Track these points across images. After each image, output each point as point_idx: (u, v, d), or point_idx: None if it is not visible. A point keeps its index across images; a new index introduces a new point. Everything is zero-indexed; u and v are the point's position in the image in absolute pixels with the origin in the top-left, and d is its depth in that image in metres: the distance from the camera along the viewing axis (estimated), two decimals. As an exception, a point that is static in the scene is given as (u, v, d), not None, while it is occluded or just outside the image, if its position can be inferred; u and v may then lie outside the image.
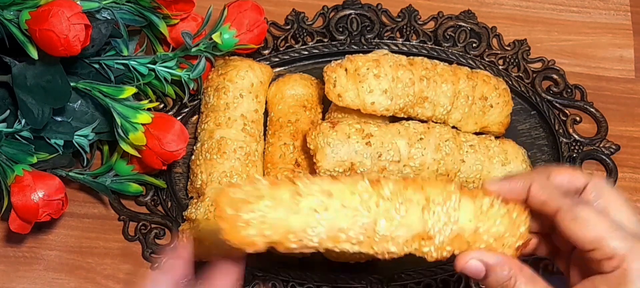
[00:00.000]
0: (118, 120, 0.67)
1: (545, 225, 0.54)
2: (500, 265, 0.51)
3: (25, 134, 0.68)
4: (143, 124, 0.67)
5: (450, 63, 0.78)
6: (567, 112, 0.79)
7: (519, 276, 0.51)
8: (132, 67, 0.72)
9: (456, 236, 0.51)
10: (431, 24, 0.84)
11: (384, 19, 0.83)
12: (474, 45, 0.82)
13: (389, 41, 0.82)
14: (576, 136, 0.78)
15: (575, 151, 0.77)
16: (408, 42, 0.82)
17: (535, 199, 0.52)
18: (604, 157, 0.77)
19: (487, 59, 0.82)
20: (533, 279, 0.51)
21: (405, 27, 0.83)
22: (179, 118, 0.76)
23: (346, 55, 0.73)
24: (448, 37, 0.82)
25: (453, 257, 0.53)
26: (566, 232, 0.50)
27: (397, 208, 0.50)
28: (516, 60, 0.82)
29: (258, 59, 0.79)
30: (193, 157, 0.74)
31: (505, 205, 0.52)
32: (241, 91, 0.75)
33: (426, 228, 0.50)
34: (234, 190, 0.49)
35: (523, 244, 0.53)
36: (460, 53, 0.82)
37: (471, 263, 0.52)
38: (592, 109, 0.80)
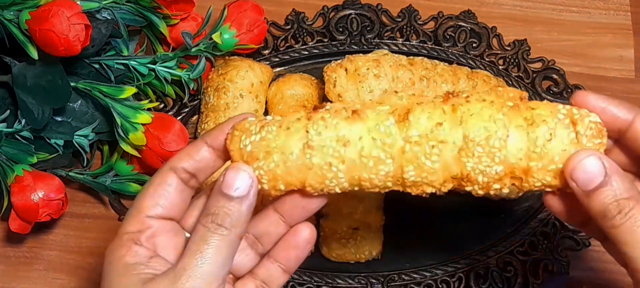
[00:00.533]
0: (118, 120, 0.67)
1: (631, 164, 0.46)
2: (622, 174, 0.42)
3: (25, 133, 0.68)
4: (143, 124, 0.68)
5: (450, 63, 0.78)
6: (567, 112, 0.79)
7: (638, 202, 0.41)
8: (132, 67, 0.72)
9: (504, 175, 0.45)
10: (431, 24, 0.84)
11: (384, 19, 0.83)
12: (474, 45, 0.82)
13: (389, 41, 0.82)
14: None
15: (575, 151, 0.77)
16: (408, 42, 0.82)
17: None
18: (604, 157, 0.77)
19: (487, 59, 0.82)
20: None
21: (405, 27, 0.83)
22: (179, 118, 0.76)
23: (346, 55, 0.73)
24: (448, 37, 0.82)
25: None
26: None
27: (427, 153, 0.44)
28: (516, 60, 0.82)
29: (258, 59, 0.79)
30: (193, 157, 0.74)
31: (573, 127, 0.44)
32: (241, 91, 0.75)
33: (465, 172, 0.45)
34: (244, 137, 0.46)
35: None
36: (460, 53, 0.82)
37: (588, 162, 0.42)
38: (592, 109, 0.80)
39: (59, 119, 0.71)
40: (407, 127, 0.45)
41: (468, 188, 0.45)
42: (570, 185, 0.43)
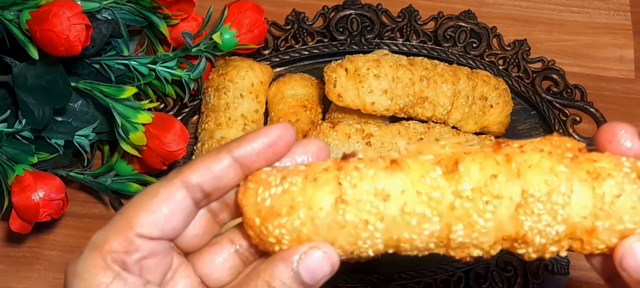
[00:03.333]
0: (118, 120, 0.67)
1: None
2: None
3: (25, 134, 0.68)
4: (143, 124, 0.67)
5: (451, 63, 0.78)
6: (567, 112, 0.80)
7: None
8: (133, 67, 0.72)
9: (564, 236, 0.39)
10: (431, 24, 0.84)
11: (384, 19, 0.83)
12: (474, 45, 0.82)
13: (389, 41, 0.82)
14: (576, 136, 0.78)
15: (575, 151, 0.77)
16: (408, 42, 0.82)
17: None
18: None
19: (487, 59, 0.82)
20: None
21: (405, 27, 0.83)
22: (179, 118, 0.76)
23: (346, 56, 0.73)
24: (448, 37, 0.82)
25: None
26: None
27: (480, 210, 0.38)
28: (516, 60, 0.82)
29: (258, 59, 0.80)
30: (193, 157, 0.74)
31: None
32: (241, 91, 0.75)
33: (521, 232, 0.39)
34: (262, 189, 0.39)
35: None
36: (461, 53, 0.82)
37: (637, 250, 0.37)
38: (592, 109, 0.80)
39: (60, 119, 0.70)
40: (458, 179, 0.38)
41: (521, 252, 0.40)
42: (621, 273, 0.38)
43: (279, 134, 0.40)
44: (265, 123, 0.77)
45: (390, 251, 0.40)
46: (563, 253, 0.40)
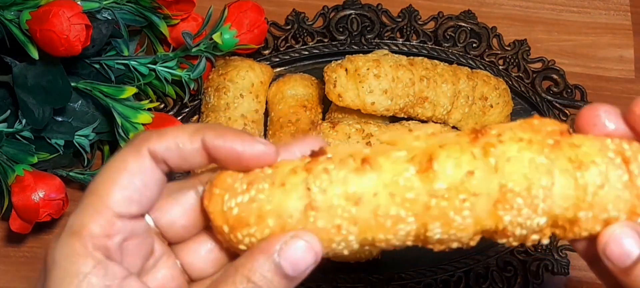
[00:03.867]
0: (118, 120, 0.67)
1: None
2: None
3: (26, 134, 0.68)
4: (143, 124, 0.67)
5: (451, 63, 0.78)
6: (567, 112, 0.80)
7: None
8: (133, 67, 0.72)
9: (546, 226, 0.38)
10: (431, 24, 0.84)
11: (384, 19, 0.83)
12: (474, 45, 0.82)
13: (389, 41, 0.82)
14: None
15: (575, 151, 0.77)
16: (408, 42, 0.82)
17: None
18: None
19: (487, 59, 0.82)
20: None
21: (405, 27, 0.83)
22: (179, 118, 0.76)
23: (346, 56, 0.73)
24: (448, 37, 0.82)
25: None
26: None
27: (456, 207, 0.36)
28: (516, 60, 0.82)
29: (258, 59, 0.80)
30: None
31: (625, 166, 0.37)
32: (242, 91, 0.75)
33: (501, 226, 0.37)
34: (228, 196, 0.37)
35: None
36: (461, 53, 0.82)
37: (623, 235, 0.36)
38: (592, 109, 0.80)
39: (60, 119, 0.70)
40: (432, 178, 0.36)
41: (501, 241, 0.38)
42: (604, 261, 0.37)
43: (257, 153, 0.37)
44: (265, 123, 0.77)
45: (367, 247, 0.39)
46: (545, 241, 0.39)
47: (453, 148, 0.37)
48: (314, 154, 0.38)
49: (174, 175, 0.40)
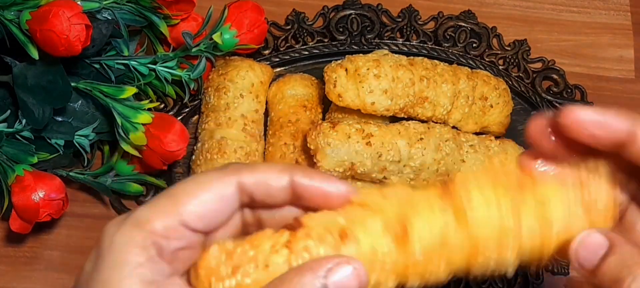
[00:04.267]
0: (118, 120, 0.67)
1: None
2: (624, 244, 0.39)
3: (25, 134, 0.68)
4: (143, 124, 0.68)
5: (451, 63, 0.78)
6: (567, 112, 0.79)
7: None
8: (133, 67, 0.72)
9: (516, 259, 0.41)
10: (431, 24, 0.84)
11: (384, 19, 0.83)
12: (474, 45, 0.82)
13: (389, 41, 0.82)
14: (576, 136, 0.78)
15: (575, 151, 0.77)
16: (408, 42, 0.82)
17: None
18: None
19: (487, 59, 0.82)
20: None
21: (405, 27, 0.83)
22: (179, 118, 0.76)
23: (346, 56, 0.73)
24: (448, 37, 0.82)
25: None
26: None
27: (434, 264, 0.39)
28: (516, 60, 0.82)
29: (258, 59, 0.80)
30: (193, 157, 0.74)
31: (587, 215, 0.40)
32: (242, 91, 0.75)
33: (475, 267, 0.41)
34: (214, 280, 0.38)
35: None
36: (461, 53, 0.82)
37: (592, 238, 0.39)
38: (592, 109, 0.80)
39: (60, 119, 0.71)
40: (409, 247, 0.38)
41: (475, 274, 0.42)
42: (577, 270, 0.40)
43: (343, 193, 0.39)
44: (266, 123, 0.77)
45: None
46: (511, 270, 0.42)
47: (425, 211, 0.39)
48: (291, 227, 0.38)
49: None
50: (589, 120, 0.39)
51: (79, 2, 0.64)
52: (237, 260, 0.38)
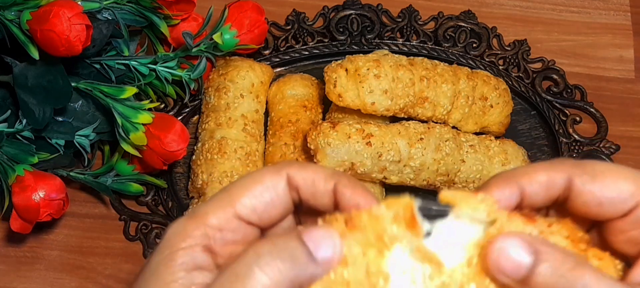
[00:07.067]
0: (119, 120, 0.67)
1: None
2: (554, 252, 0.35)
3: (26, 134, 0.68)
4: (144, 124, 0.68)
5: (451, 63, 0.78)
6: (567, 112, 0.80)
7: (585, 273, 0.35)
8: (133, 67, 0.72)
9: None
10: (431, 24, 0.84)
11: (384, 19, 0.83)
12: (474, 45, 0.82)
13: (389, 41, 0.82)
14: (576, 136, 0.78)
15: (575, 151, 0.78)
16: (408, 43, 0.82)
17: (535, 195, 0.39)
18: (603, 157, 0.77)
19: (487, 59, 0.82)
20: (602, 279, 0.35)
21: (405, 27, 0.83)
22: (179, 118, 0.76)
23: (346, 56, 0.73)
24: (448, 37, 0.82)
25: None
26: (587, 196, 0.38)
27: None
28: (516, 61, 0.82)
29: (259, 59, 0.80)
30: (194, 157, 0.74)
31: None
32: (242, 91, 0.75)
33: None
34: None
35: None
36: (461, 53, 0.82)
37: (511, 253, 0.35)
38: (592, 109, 0.80)
39: (60, 119, 0.71)
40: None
41: None
42: (503, 281, 0.36)
43: (367, 202, 0.39)
44: (266, 123, 0.77)
45: None
46: None
47: None
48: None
49: None
50: (511, 193, 0.39)
51: (79, 2, 0.64)
52: None
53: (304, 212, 0.42)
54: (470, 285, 0.37)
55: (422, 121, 0.73)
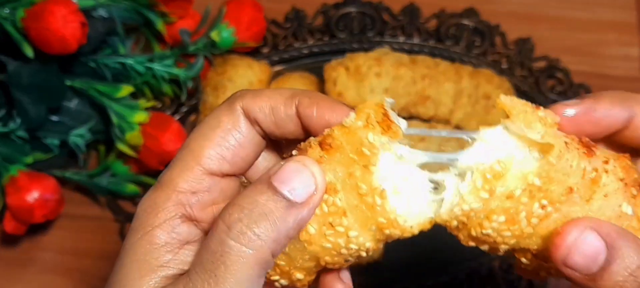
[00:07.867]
0: (114, 119, 0.66)
1: None
2: (626, 237, 0.33)
3: (20, 133, 0.68)
4: (140, 123, 0.67)
5: (453, 61, 0.77)
6: (571, 111, 0.78)
7: None
8: (129, 65, 0.72)
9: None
10: (433, 22, 0.83)
11: (385, 16, 0.82)
12: (476, 43, 0.81)
13: (390, 39, 0.81)
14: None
15: (580, 151, 0.76)
16: (410, 41, 0.81)
17: None
18: (609, 156, 0.76)
19: (490, 58, 0.81)
20: None
21: (407, 25, 0.82)
22: (176, 117, 0.75)
23: (347, 54, 0.72)
24: (450, 35, 0.81)
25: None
26: None
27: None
28: (520, 59, 0.81)
29: (258, 58, 0.79)
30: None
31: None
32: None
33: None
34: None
35: None
36: (463, 51, 0.81)
37: (587, 240, 0.33)
38: (597, 108, 0.79)
39: (55, 118, 0.70)
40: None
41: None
42: (567, 273, 0.34)
43: (336, 116, 0.35)
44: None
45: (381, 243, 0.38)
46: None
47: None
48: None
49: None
50: (576, 115, 0.38)
51: (74, 0, 0.63)
52: None
53: (285, 145, 0.38)
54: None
55: (424, 120, 0.73)
